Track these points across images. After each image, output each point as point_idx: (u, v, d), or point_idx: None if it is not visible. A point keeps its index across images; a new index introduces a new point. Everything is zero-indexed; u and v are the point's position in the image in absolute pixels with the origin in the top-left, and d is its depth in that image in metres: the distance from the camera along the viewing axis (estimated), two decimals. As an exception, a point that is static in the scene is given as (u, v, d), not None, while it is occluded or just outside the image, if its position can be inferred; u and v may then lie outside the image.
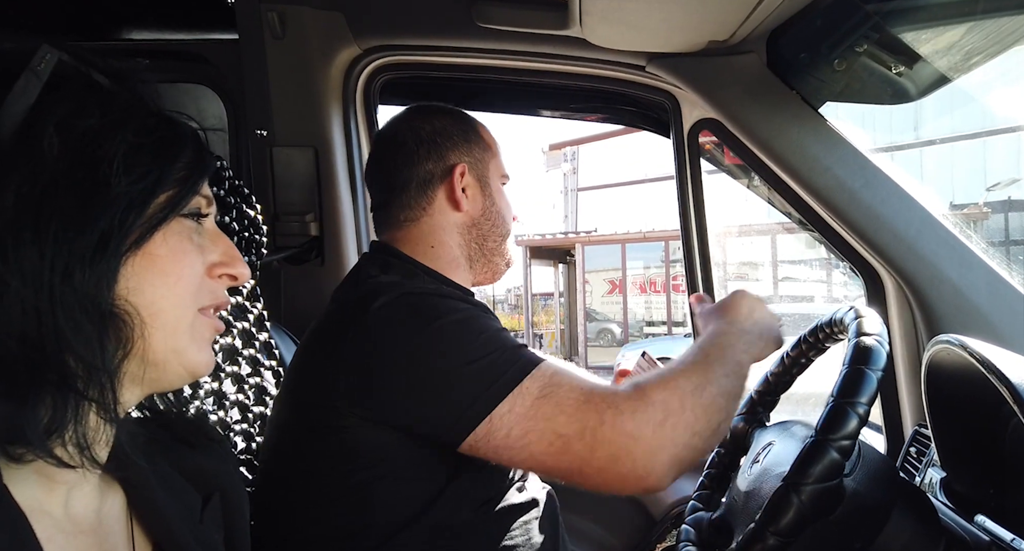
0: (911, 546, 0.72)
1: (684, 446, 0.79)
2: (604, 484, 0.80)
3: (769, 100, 1.24)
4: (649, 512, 1.45)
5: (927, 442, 1.05)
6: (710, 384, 0.83)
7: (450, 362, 0.81)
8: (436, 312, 0.85)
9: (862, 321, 0.79)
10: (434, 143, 1.03)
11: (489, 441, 0.79)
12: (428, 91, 1.63)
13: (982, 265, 1.13)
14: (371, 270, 0.98)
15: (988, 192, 6.54)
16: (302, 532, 0.87)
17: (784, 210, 1.40)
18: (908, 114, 8.05)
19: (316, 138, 1.45)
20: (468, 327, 0.84)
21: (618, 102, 1.55)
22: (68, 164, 0.44)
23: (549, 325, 16.36)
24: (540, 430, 0.78)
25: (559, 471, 0.81)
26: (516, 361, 0.82)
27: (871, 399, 0.68)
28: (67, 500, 0.47)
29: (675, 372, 0.84)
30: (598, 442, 0.77)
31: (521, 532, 0.93)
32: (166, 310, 0.50)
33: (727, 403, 0.84)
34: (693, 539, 0.88)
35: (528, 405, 0.79)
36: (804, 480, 0.65)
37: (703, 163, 1.47)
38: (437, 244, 1.03)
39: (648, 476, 0.78)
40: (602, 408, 0.79)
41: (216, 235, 0.55)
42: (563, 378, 0.82)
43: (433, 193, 1.03)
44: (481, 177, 1.06)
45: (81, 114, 0.46)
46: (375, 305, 0.85)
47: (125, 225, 0.46)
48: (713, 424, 0.82)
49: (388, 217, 1.05)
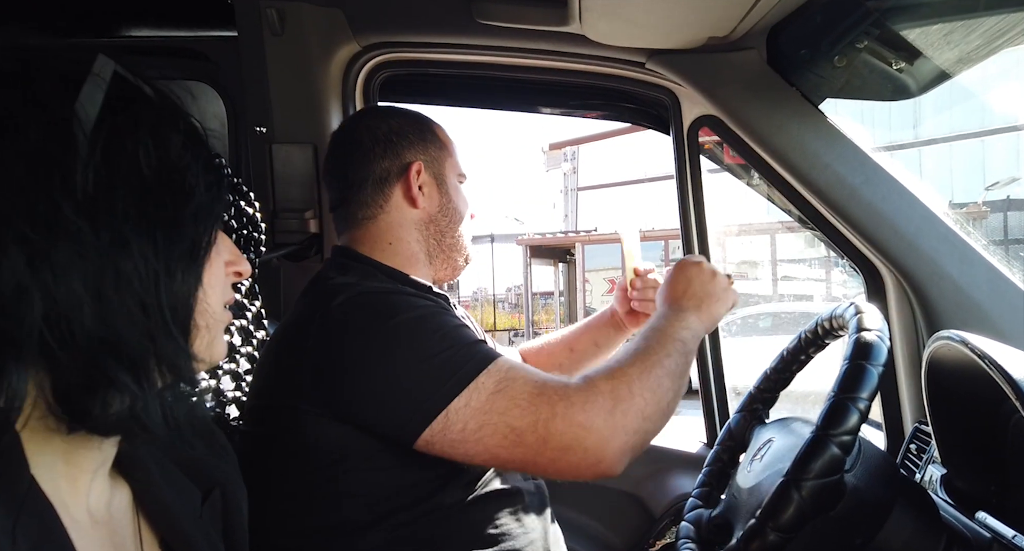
0: (912, 543, 0.72)
1: (634, 432, 0.82)
2: (557, 473, 0.83)
3: (769, 96, 1.24)
4: (648, 509, 1.45)
5: (927, 439, 1.05)
6: (655, 367, 0.86)
7: (407, 359, 0.83)
8: (393, 310, 0.87)
9: (862, 317, 0.79)
10: (390, 142, 1.06)
11: (445, 435, 0.81)
12: (427, 88, 1.63)
13: (982, 261, 1.13)
14: (329, 273, 1.01)
15: (987, 191, 6.54)
16: (283, 526, 0.89)
17: (784, 207, 1.40)
18: (907, 113, 8.05)
19: (315, 135, 1.44)
20: (425, 324, 0.87)
21: (618, 99, 1.55)
22: (160, 175, 0.46)
23: (549, 324, 16.36)
24: (495, 424, 0.81)
25: (513, 463, 0.84)
26: (472, 357, 0.84)
27: (872, 394, 0.68)
28: (89, 491, 0.48)
29: (620, 361, 0.88)
30: (550, 434, 0.80)
31: (508, 520, 0.94)
32: (210, 310, 0.53)
33: (672, 383, 0.87)
34: (692, 536, 0.88)
35: (484, 399, 0.82)
36: (805, 476, 0.64)
37: (704, 162, 1.46)
38: (395, 240, 1.05)
39: (599, 463, 0.81)
40: (554, 400, 0.81)
41: (223, 236, 0.57)
42: (518, 373, 0.85)
43: (390, 191, 1.05)
44: (437, 175, 1.09)
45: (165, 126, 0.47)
46: (333, 303, 0.88)
47: (207, 233, 0.49)
48: (662, 406, 0.85)
49: (346, 215, 1.08)
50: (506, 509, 0.95)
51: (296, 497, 0.89)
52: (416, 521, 0.88)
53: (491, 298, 20.46)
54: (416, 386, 0.82)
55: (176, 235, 0.46)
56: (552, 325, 15.51)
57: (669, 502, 1.41)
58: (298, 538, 0.89)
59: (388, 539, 0.87)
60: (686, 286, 1.01)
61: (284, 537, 0.89)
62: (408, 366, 0.83)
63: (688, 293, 1.00)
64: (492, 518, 0.93)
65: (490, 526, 0.92)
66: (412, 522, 0.88)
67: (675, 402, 0.87)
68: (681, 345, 0.91)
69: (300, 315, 0.95)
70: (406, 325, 0.86)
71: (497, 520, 0.93)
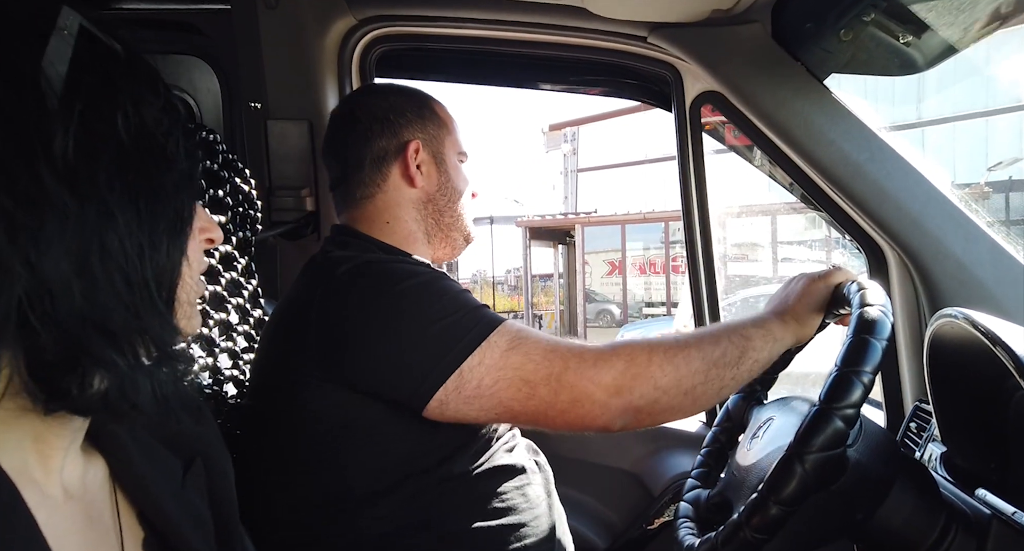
0: (912, 519, 0.71)
1: (641, 396, 0.83)
2: (564, 425, 0.85)
3: (773, 71, 1.22)
4: (647, 487, 1.46)
5: (928, 417, 1.05)
6: (691, 348, 0.86)
7: (416, 322, 0.84)
8: (398, 276, 0.88)
9: (865, 293, 0.78)
10: (387, 120, 1.05)
11: (460, 393, 0.83)
12: (425, 64, 1.60)
13: (987, 239, 1.12)
14: (328, 248, 1.01)
15: (989, 172, 6.51)
16: (287, 499, 0.90)
17: (786, 186, 1.38)
18: (911, 92, 7.99)
19: (311, 111, 1.42)
20: (430, 288, 0.88)
21: (619, 75, 1.52)
22: (140, 141, 0.43)
23: (549, 306, 16.40)
24: (509, 378, 0.83)
25: (526, 415, 0.85)
26: (482, 318, 0.86)
27: (876, 368, 0.67)
28: (62, 467, 0.46)
29: (659, 336, 0.89)
30: (562, 386, 0.82)
31: (515, 495, 0.95)
32: (191, 282, 0.51)
33: (706, 367, 0.85)
34: (691, 515, 0.88)
35: (497, 356, 0.84)
36: (808, 449, 0.64)
37: (706, 145, 1.44)
38: (392, 219, 1.05)
39: (600, 416, 0.83)
40: (567, 356, 0.84)
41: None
42: (529, 332, 0.87)
43: (387, 170, 1.05)
44: (436, 153, 1.08)
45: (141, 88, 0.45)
46: (337, 272, 0.89)
47: (190, 202, 0.48)
48: (684, 385, 0.84)
49: (345, 195, 1.07)
50: (512, 484, 0.95)
51: (300, 470, 0.90)
52: (421, 493, 0.88)
53: (490, 280, 20.48)
54: (428, 348, 0.83)
55: (159, 206, 0.44)
56: (551, 307, 15.54)
57: (668, 481, 1.42)
58: (302, 511, 0.89)
59: (392, 510, 0.88)
60: (783, 291, 0.97)
61: (288, 510, 0.90)
62: (418, 329, 0.84)
63: (779, 298, 0.96)
64: (498, 492, 0.93)
65: (496, 500, 0.93)
66: (417, 494, 0.88)
67: (708, 388, 0.85)
68: (741, 340, 0.88)
69: (302, 289, 0.95)
70: (412, 290, 0.86)
71: (503, 494, 0.94)
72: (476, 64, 1.62)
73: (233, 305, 1.11)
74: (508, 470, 0.96)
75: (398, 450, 0.88)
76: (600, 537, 1.43)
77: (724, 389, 0.87)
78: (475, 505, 0.91)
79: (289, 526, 0.89)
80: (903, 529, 0.71)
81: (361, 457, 0.88)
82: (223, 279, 1.09)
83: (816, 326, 0.92)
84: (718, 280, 1.48)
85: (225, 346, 1.08)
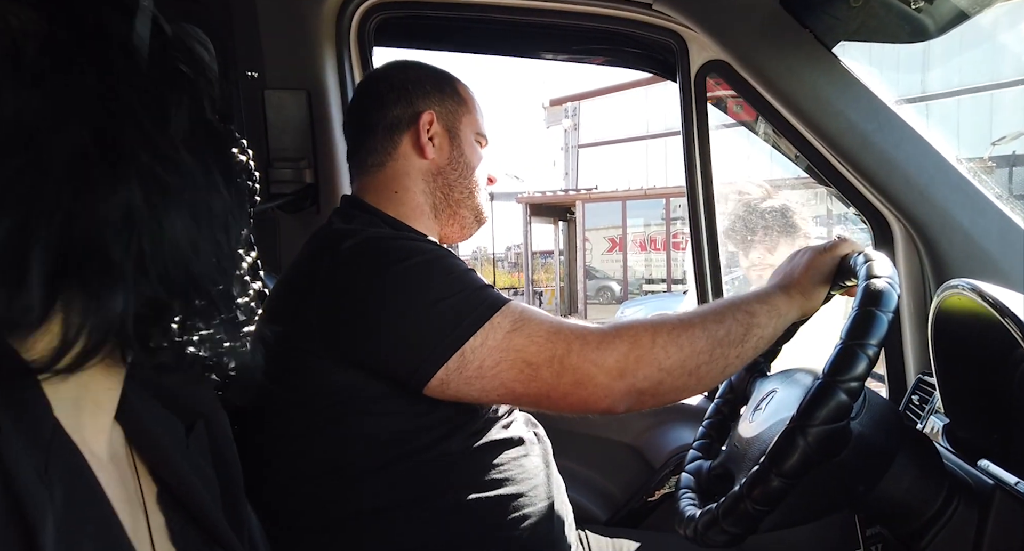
0: (914, 489, 0.71)
1: (645, 378, 0.82)
2: (567, 407, 0.84)
3: (781, 39, 1.19)
4: (648, 460, 1.46)
5: (930, 390, 1.05)
6: (695, 327, 0.84)
7: (420, 300, 0.84)
8: (403, 253, 0.87)
9: (872, 264, 0.77)
10: (404, 90, 1.05)
11: (461, 373, 0.82)
12: (424, 32, 1.57)
13: (995, 210, 1.10)
14: (332, 220, 1.01)
15: (993, 146, 6.44)
16: (287, 466, 0.90)
17: (792, 157, 1.36)
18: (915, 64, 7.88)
19: (309, 81, 1.40)
20: (435, 266, 0.86)
21: (622, 44, 1.49)
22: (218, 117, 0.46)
23: (549, 283, 16.41)
24: (512, 360, 0.82)
25: (528, 396, 0.85)
26: (486, 298, 0.85)
27: (881, 341, 0.66)
28: (108, 428, 0.48)
29: (661, 315, 0.87)
30: (565, 369, 0.82)
31: (512, 466, 0.95)
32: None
33: (711, 347, 0.84)
34: (692, 486, 0.88)
35: (500, 338, 0.83)
36: (811, 422, 0.63)
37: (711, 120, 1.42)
38: (400, 190, 1.04)
39: (604, 399, 0.82)
40: (570, 338, 0.83)
41: None
42: (533, 313, 0.86)
43: (399, 138, 1.04)
44: (451, 128, 1.06)
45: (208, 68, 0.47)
46: (343, 245, 0.87)
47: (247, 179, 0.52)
48: (688, 365, 0.83)
49: (358, 162, 1.07)
50: (510, 456, 0.96)
51: (300, 440, 0.90)
52: (419, 467, 0.89)
53: (491, 257, 20.47)
54: (431, 327, 0.83)
55: (233, 177, 0.47)
56: (552, 284, 15.55)
57: (669, 453, 1.42)
58: (302, 480, 0.90)
59: (391, 483, 0.88)
60: (787, 264, 0.95)
61: (290, 478, 0.90)
62: (422, 308, 0.83)
63: (784, 271, 0.94)
64: (496, 464, 0.94)
65: (494, 471, 0.93)
66: (415, 468, 0.89)
67: (712, 367, 0.84)
68: (746, 317, 0.86)
69: (305, 263, 0.95)
70: (417, 268, 0.85)
71: (500, 466, 0.94)
72: (476, 32, 1.58)
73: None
74: (506, 443, 0.96)
75: (398, 425, 0.88)
76: (601, 508, 1.44)
77: (728, 367, 0.86)
78: (473, 478, 0.91)
79: (291, 495, 0.90)
80: (905, 500, 0.72)
81: (361, 431, 0.88)
82: (222, 251, 1.08)
83: (822, 298, 0.91)
84: (721, 254, 1.47)
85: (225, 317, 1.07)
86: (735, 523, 0.67)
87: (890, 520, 0.75)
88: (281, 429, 0.91)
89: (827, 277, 0.90)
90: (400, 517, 0.88)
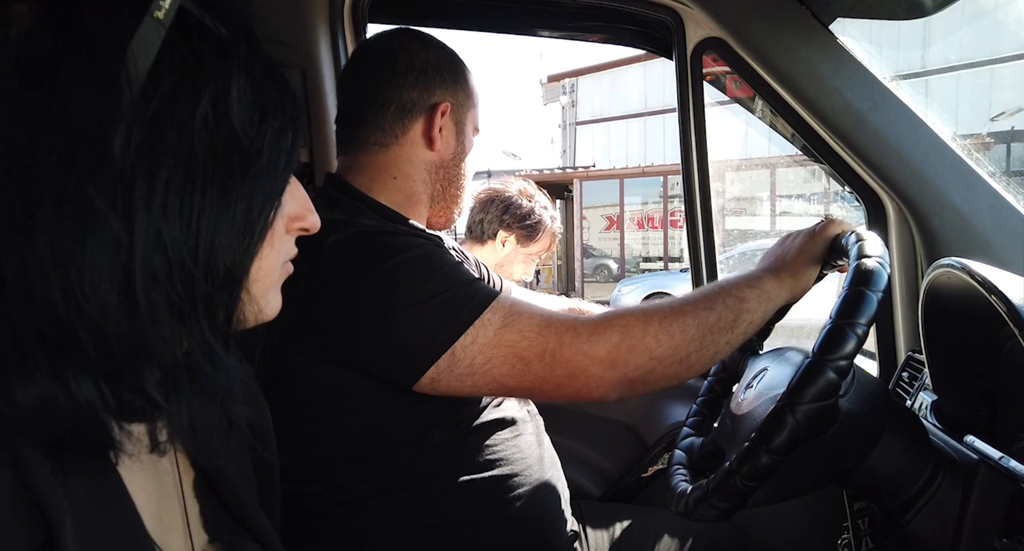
0: (901, 465, 0.73)
1: (637, 368, 0.82)
2: (560, 397, 0.85)
3: (777, 16, 1.18)
4: (642, 437, 1.48)
5: (920, 367, 1.06)
6: (686, 315, 0.84)
7: (408, 300, 0.82)
8: (390, 250, 0.84)
9: (863, 244, 0.78)
10: (424, 73, 0.99)
11: (452, 371, 0.82)
12: (419, 9, 1.55)
13: (987, 189, 1.10)
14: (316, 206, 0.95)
15: (992, 122, 6.41)
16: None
17: (787, 136, 1.36)
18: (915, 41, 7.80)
19: (303, 59, 1.38)
20: (423, 264, 0.84)
21: (619, 21, 1.47)
22: (213, 148, 0.39)
23: (546, 261, 16.39)
24: (503, 356, 0.82)
25: (520, 390, 0.85)
26: (475, 295, 0.84)
27: (870, 320, 0.67)
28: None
29: (652, 303, 0.87)
30: (557, 362, 0.81)
31: (505, 447, 0.96)
32: (264, 280, 0.47)
33: (702, 334, 0.84)
34: (684, 463, 0.89)
35: (491, 335, 0.82)
36: (800, 400, 0.64)
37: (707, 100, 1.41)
38: (400, 176, 1.00)
39: (596, 389, 0.83)
40: (561, 331, 0.82)
41: (295, 186, 0.50)
42: (522, 307, 0.85)
43: (410, 123, 0.99)
44: (459, 122, 1.03)
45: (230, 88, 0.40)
46: (326, 243, 0.83)
47: (267, 208, 0.44)
48: (679, 353, 0.83)
49: (356, 136, 1.01)
50: (503, 437, 0.96)
51: (287, 432, 0.87)
52: (409, 455, 0.89)
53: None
54: (420, 327, 0.81)
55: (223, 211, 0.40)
56: (549, 262, 15.54)
57: (662, 430, 1.44)
58: (291, 469, 0.88)
59: (381, 471, 0.88)
60: (779, 247, 0.95)
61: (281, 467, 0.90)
62: (410, 308, 0.81)
63: (775, 254, 0.94)
64: (488, 446, 0.94)
65: (486, 453, 0.94)
66: (405, 456, 0.89)
67: (703, 354, 0.84)
68: (736, 302, 0.86)
69: None
70: (404, 266, 0.83)
71: (493, 447, 0.95)
72: (471, 10, 1.56)
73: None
74: (498, 423, 0.96)
75: (385, 418, 0.88)
76: (595, 485, 1.47)
77: (719, 353, 0.86)
78: (465, 461, 0.92)
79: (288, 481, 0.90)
80: (892, 475, 0.73)
81: (347, 425, 0.87)
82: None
83: (812, 280, 0.92)
84: (716, 233, 1.47)
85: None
86: (725, 499, 0.69)
87: (877, 495, 0.77)
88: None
89: (818, 259, 0.90)
90: (391, 501, 0.89)
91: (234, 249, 0.42)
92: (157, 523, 0.46)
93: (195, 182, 0.39)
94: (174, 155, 0.38)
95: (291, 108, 0.46)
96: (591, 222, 14.17)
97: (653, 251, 13.86)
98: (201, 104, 0.39)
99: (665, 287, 10.13)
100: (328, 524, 0.90)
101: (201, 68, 0.39)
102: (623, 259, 13.99)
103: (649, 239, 13.85)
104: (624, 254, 13.95)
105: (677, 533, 1.16)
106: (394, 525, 0.90)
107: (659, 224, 13.54)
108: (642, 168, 13.55)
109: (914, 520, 0.72)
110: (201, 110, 0.39)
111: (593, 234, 14.24)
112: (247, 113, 0.41)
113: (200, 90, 0.39)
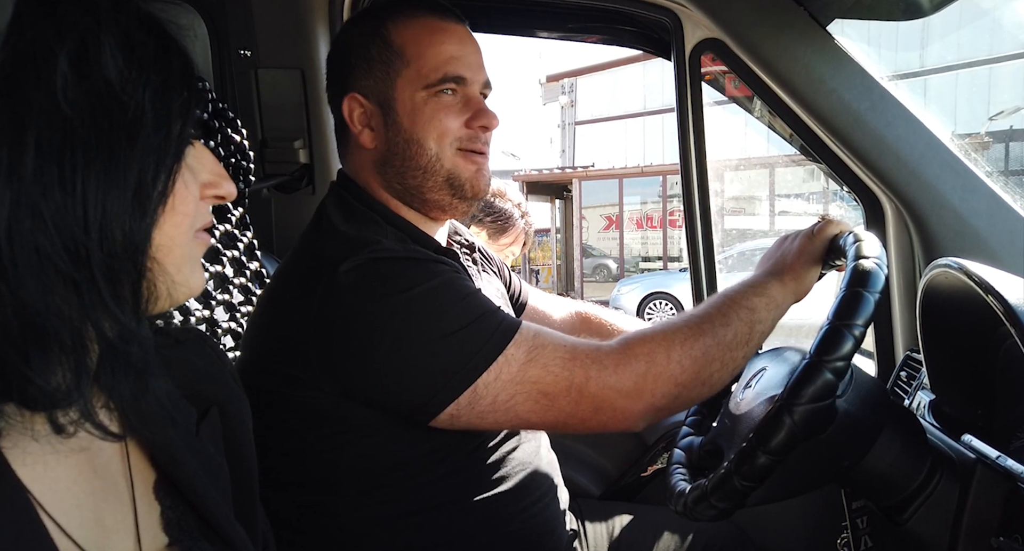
0: (898, 464, 0.73)
1: (663, 396, 0.80)
2: (586, 430, 0.83)
3: (775, 17, 1.18)
4: (641, 437, 1.48)
5: (918, 366, 1.06)
6: (704, 335, 0.82)
7: (427, 335, 0.78)
8: (407, 281, 0.79)
9: (861, 245, 0.78)
10: (334, 71, 0.94)
11: (473, 409, 0.78)
12: (418, 10, 1.55)
13: (985, 189, 1.11)
14: (334, 216, 0.89)
15: (991, 121, 6.42)
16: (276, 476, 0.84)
17: (785, 136, 1.36)
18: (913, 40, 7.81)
19: (303, 59, 1.39)
20: (442, 296, 0.80)
21: (618, 22, 1.48)
22: (86, 109, 0.38)
23: (546, 261, 16.38)
24: (527, 392, 0.79)
25: (543, 424, 0.83)
26: (497, 327, 0.80)
27: (867, 321, 0.67)
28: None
29: (673, 324, 0.85)
30: (583, 397, 0.79)
31: (505, 463, 0.93)
32: (175, 249, 0.46)
33: (723, 354, 0.83)
34: (683, 462, 0.90)
35: (515, 371, 0.78)
36: (797, 401, 0.65)
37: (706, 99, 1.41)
38: (365, 185, 0.93)
39: (624, 420, 0.81)
40: (587, 364, 0.80)
41: (202, 152, 0.49)
42: (546, 339, 0.81)
43: (345, 129, 0.93)
44: (384, 100, 0.89)
45: (96, 43, 0.39)
46: (343, 268, 0.79)
47: (159, 178, 0.42)
48: (703, 376, 0.82)
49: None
50: (503, 453, 0.94)
51: (289, 455, 0.86)
52: (412, 487, 0.86)
53: (487, 234, 20.36)
54: (439, 363, 0.77)
55: (108, 184, 0.39)
56: (548, 262, 15.54)
57: (662, 430, 1.44)
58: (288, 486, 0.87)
59: (382, 499, 0.86)
60: (777, 250, 0.93)
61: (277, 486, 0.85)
62: (429, 342, 0.77)
63: (775, 257, 0.92)
64: (491, 464, 0.92)
65: (489, 472, 0.91)
66: (408, 486, 0.86)
67: (724, 372, 0.83)
68: (748, 314, 0.85)
69: (303, 268, 0.87)
70: (422, 298, 0.78)
71: (496, 464, 0.92)
72: (472, 11, 1.56)
73: (228, 257, 1.11)
74: (500, 440, 0.94)
75: (393, 453, 0.85)
76: (594, 484, 1.47)
77: (737, 368, 0.86)
78: (470, 485, 0.89)
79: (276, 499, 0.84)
80: (890, 474, 0.73)
81: (351, 458, 0.84)
82: (217, 231, 1.08)
83: (814, 280, 0.92)
84: (715, 233, 1.47)
85: (221, 299, 1.08)
86: (723, 498, 0.69)
87: (875, 493, 0.77)
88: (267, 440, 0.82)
89: (818, 259, 0.90)
90: (390, 527, 0.87)
91: (130, 216, 0.40)
92: (94, 525, 0.44)
93: (74, 146, 0.38)
94: (41, 117, 0.36)
95: (180, 65, 0.43)
96: (590, 222, 14.17)
97: (652, 251, 13.87)
98: (60, 61, 0.37)
99: (664, 287, 10.14)
100: (320, 543, 0.88)
101: (61, 23, 0.38)
102: (622, 259, 14.00)
103: (648, 239, 13.86)
104: (623, 254, 13.95)
105: (676, 531, 1.17)
106: (393, 549, 0.88)
107: (658, 224, 13.54)
108: (641, 168, 13.56)
109: (912, 518, 0.73)
110: (62, 67, 0.37)
111: (592, 234, 14.24)
112: (119, 69, 0.39)
113: (58, 46, 0.37)
